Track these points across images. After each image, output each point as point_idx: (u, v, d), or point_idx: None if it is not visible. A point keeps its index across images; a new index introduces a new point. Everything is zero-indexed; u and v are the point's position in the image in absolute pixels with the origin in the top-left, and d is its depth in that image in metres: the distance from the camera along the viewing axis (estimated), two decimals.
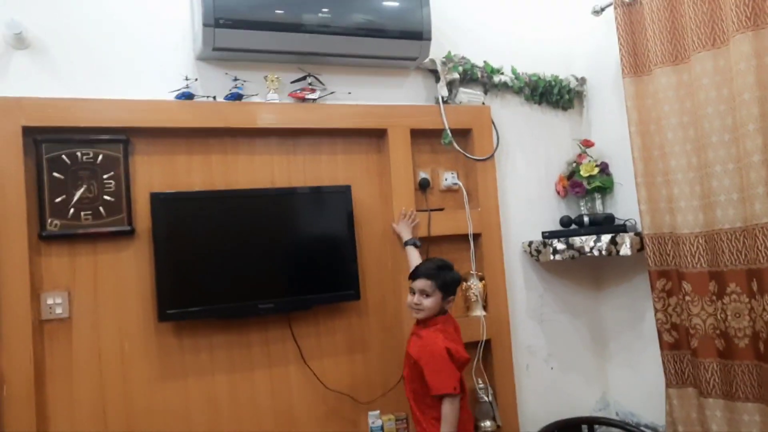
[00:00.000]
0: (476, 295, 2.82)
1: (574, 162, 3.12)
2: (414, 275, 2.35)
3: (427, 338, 2.29)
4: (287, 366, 2.56)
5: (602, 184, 3.00)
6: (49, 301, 2.23)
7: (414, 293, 2.33)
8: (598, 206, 3.06)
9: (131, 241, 2.36)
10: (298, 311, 2.55)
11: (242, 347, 2.50)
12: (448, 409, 2.22)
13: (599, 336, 3.16)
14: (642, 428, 2.91)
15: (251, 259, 2.45)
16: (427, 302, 2.30)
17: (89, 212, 2.27)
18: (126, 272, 2.35)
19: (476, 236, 2.85)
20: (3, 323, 2.12)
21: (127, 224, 2.32)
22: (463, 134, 2.89)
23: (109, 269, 2.33)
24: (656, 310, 2.71)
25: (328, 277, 2.58)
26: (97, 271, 2.32)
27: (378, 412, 2.61)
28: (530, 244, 2.97)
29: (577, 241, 2.78)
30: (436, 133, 2.83)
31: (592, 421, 3.02)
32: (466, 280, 2.83)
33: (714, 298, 2.50)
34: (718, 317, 2.48)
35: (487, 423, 2.74)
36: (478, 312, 2.82)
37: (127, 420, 2.31)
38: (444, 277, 2.34)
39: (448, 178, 2.87)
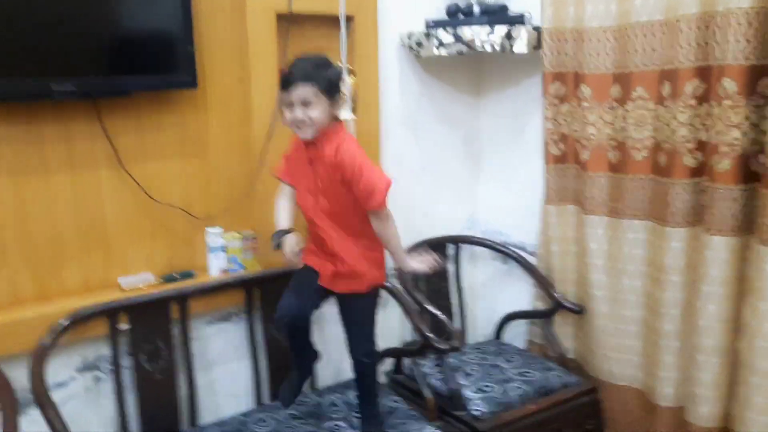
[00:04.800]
0: (345, 94, 2.30)
1: None
2: (286, 82, 1.73)
3: (340, 145, 1.78)
4: (97, 170, 1.94)
5: None
6: None
7: (291, 106, 1.74)
8: None
9: None
10: (110, 98, 1.90)
11: (32, 143, 1.83)
12: (391, 218, 1.83)
13: (475, 151, 2.83)
14: (510, 247, 2.71)
15: (41, 13, 1.71)
16: (314, 113, 1.74)
17: None
18: None
19: (347, 20, 2.28)
20: None
21: None
22: None
23: None
24: (546, 119, 2.39)
25: (153, 54, 1.91)
26: None
27: (220, 229, 2.13)
28: (410, 36, 2.47)
29: (467, 32, 2.32)
30: None
31: (456, 240, 2.76)
32: None
33: (615, 104, 2.20)
34: (617, 126, 2.21)
35: None
36: (346, 114, 2.32)
37: None
38: (327, 76, 1.77)
39: None
